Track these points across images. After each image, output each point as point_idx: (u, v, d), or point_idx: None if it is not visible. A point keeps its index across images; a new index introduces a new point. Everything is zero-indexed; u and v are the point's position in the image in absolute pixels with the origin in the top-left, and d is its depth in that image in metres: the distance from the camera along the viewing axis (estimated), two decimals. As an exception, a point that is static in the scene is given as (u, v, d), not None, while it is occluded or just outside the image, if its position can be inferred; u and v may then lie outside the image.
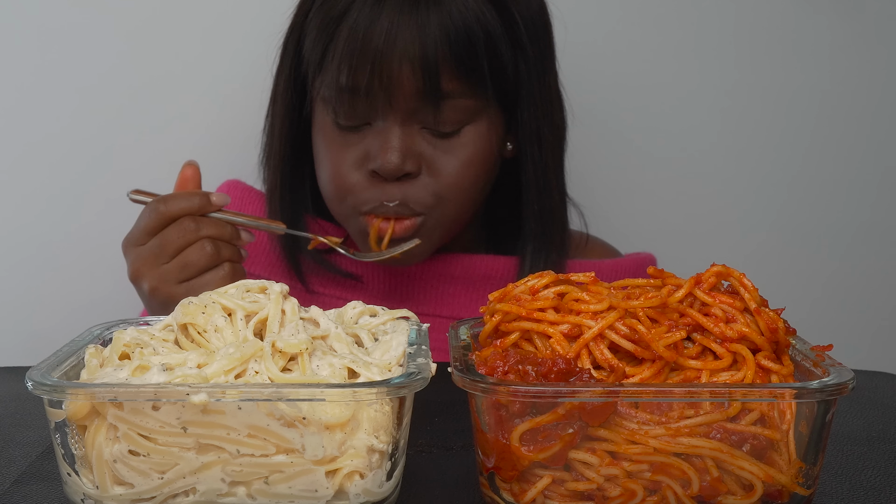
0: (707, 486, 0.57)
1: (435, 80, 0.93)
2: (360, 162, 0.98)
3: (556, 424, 0.57)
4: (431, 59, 0.92)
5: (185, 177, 0.95)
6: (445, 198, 0.99)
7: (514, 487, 0.59)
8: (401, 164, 0.95)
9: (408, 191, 0.97)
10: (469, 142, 0.98)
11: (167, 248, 0.89)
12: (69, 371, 0.61)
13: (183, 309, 0.63)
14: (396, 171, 0.95)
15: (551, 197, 1.05)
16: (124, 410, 0.55)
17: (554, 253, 1.06)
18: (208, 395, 0.54)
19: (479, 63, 0.95)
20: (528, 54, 0.99)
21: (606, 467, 0.57)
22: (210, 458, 0.56)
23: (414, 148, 0.96)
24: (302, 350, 0.60)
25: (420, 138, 0.97)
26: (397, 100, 0.94)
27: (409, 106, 0.95)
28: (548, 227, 1.05)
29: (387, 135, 0.96)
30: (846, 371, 0.58)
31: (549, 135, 1.03)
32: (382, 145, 0.95)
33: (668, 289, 0.63)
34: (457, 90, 0.95)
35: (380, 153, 0.95)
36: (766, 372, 0.60)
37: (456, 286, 1.09)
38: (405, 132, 0.96)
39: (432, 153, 0.97)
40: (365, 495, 0.58)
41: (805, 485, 0.58)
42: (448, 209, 1.00)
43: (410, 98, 0.94)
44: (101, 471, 0.56)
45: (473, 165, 0.99)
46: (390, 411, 0.58)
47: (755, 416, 0.57)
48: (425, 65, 0.92)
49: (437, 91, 0.94)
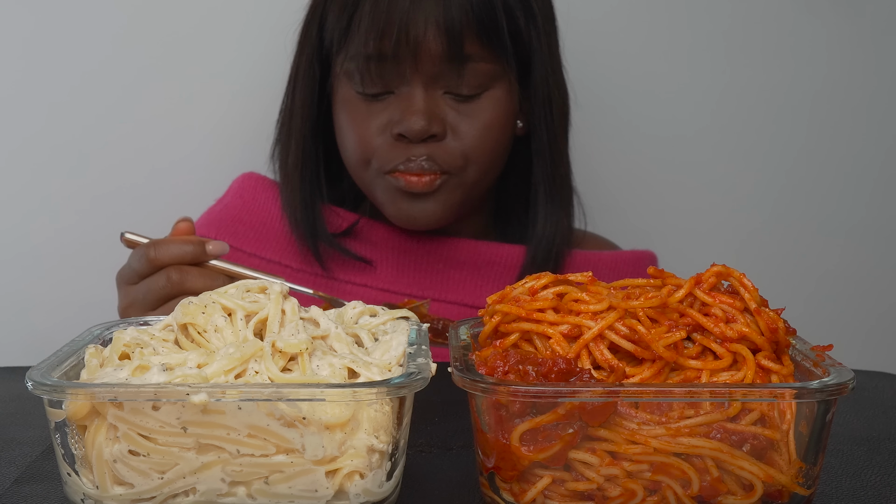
0: (707, 486, 0.57)
1: (458, 43, 0.97)
2: (384, 127, 1.02)
3: (557, 424, 0.57)
4: (455, 22, 0.97)
5: (178, 231, 0.93)
6: (469, 159, 1.03)
7: (514, 487, 0.59)
8: (427, 126, 0.99)
9: (434, 151, 1.01)
10: (489, 106, 1.02)
11: (151, 295, 0.89)
12: (69, 371, 0.61)
13: (183, 309, 0.63)
14: (422, 132, 0.99)
15: (559, 167, 1.08)
16: (124, 410, 0.55)
17: (562, 229, 1.08)
18: (208, 395, 0.54)
19: (499, 27, 0.99)
20: (538, 24, 1.04)
21: (606, 467, 0.57)
22: (210, 458, 0.56)
23: (438, 111, 1.00)
24: (302, 350, 0.60)
25: (443, 103, 1.01)
26: (423, 64, 0.99)
27: (433, 70, 0.99)
28: (556, 198, 1.08)
29: (411, 99, 1.00)
30: (846, 371, 0.58)
31: (558, 105, 1.07)
32: (408, 109, 0.99)
33: (668, 289, 0.63)
34: (478, 54, 1.00)
35: (406, 116, 0.99)
36: (766, 372, 0.60)
37: (463, 272, 1.11)
38: (429, 96, 1.00)
39: (455, 117, 1.01)
40: (365, 495, 0.58)
41: (805, 485, 0.58)
42: (470, 171, 1.04)
43: (435, 62, 0.99)
44: (101, 471, 0.56)
45: (494, 129, 1.03)
46: (390, 411, 0.58)
47: (755, 416, 0.57)
48: (450, 28, 0.97)
49: (460, 54, 0.98)
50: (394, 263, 1.10)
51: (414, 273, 1.11)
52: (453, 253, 1.11)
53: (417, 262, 1.11)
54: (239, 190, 1.15)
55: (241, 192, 1.14)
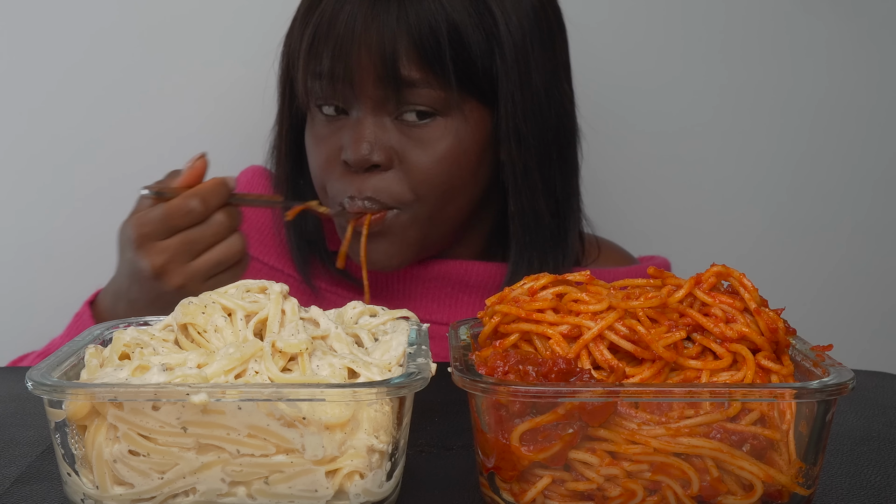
0: (707, 486, 0.57)
1: (393, 66, 0.94)
2: (336, 153, 0.99)
3: (556, 424, 0.57)
4: (388, 45, 0.94)
5: (196, 170, 0.91)
6: (418, 193, 0.98)
7: (514, 487, 0.59)
8: (368, 155, 0.96)
9: (378, 184, 0.97)
10: (440, 136, 0.97)
11: (198, 245, 0.87)
12: (69, 371, 0.61)
13: (183, 309, 0.63)
14: (363, 161, 0.96)
15: (534, 200, 1.02)
16: (124, 410, 0.55)
17: (548, 260, 1.04)
18: (208, 395, 0.54)
19: (441, 53, 0.94)
20: (505, 52, 0.97)
21: (606, 467, 0.57)
22: (210, 458, 0.56)
23: (384, 139, 0.97)
24: (302, 350, 0.60)
25: (393, 130, 0.97)
26: (362, 87, 0.96)
27: (375, 93, 0.96)
28: (531, 232, 1.03)
29: (358, 126, 0.97)
30: (846, 371, 0.58)
31: (532, 136, 1.00)
32: (352, 136, 0.97)
33: (667, 289, 0.63)
34: (420, 79, 0.95)
35: (350, 144, 0.97)
36: (766, 372, 0.60)
37: (444, 290, 1.09)
38: (376, 122, 0.97)
39: (404, 146, 0.97)
40: (365, 495, 0.58)
41: (805, 485, 0.59)
42: (422, 205, 0.99)
43: (374, 85, 0.95)
44: (101, 471, 0.57)
45: (446, 160, 0.98)
46: (390, 411, 0.58)
47: (755, 416, 0.57)
48: (382, 51, 0.94)
49: (397, 78, 0.94)
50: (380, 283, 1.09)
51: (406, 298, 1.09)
52: (434, 273, 1.08)
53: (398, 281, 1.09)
54: (247, 186, 1.15)
55: (248, 187, 1.15)
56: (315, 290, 1.09)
